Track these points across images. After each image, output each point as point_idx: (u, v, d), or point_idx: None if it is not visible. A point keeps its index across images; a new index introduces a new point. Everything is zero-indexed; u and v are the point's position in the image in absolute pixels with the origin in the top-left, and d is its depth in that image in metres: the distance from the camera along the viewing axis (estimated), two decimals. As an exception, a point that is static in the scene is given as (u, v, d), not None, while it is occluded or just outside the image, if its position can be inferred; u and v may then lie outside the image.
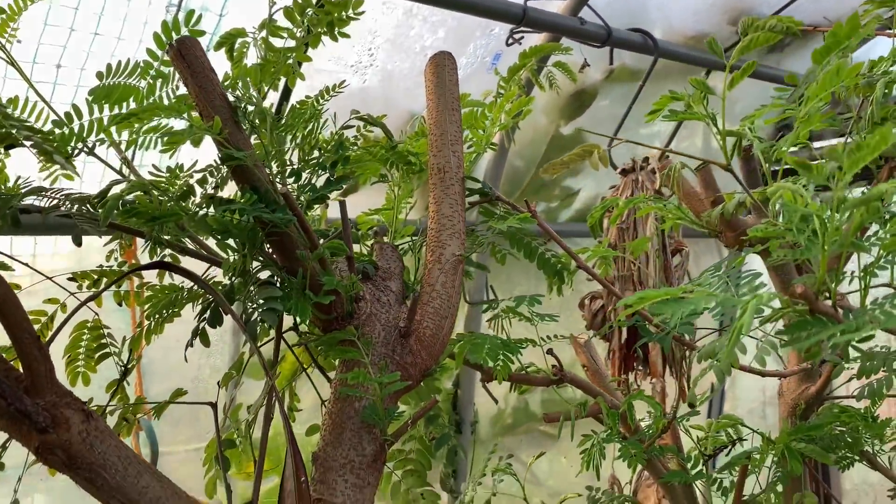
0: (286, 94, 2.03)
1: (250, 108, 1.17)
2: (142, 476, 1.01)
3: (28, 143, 1.01)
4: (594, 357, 1.71)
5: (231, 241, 1.12)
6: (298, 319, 1.31)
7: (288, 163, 1.27)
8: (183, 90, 1.20)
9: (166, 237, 1.17)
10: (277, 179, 1.19)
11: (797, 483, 1.45)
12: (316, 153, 1.28)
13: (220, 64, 1.18)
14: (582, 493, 1.90)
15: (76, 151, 1.33)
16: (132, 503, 0.99)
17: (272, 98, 2.10)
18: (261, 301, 1.06)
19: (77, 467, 0.97)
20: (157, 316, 1.33)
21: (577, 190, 2.73)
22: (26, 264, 1.38)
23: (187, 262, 1.34)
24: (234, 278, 1.15)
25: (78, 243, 1.02)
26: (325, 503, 1.08)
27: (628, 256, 1.99)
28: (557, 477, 3.23)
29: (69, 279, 1.44)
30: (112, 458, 0.99)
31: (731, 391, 3.43)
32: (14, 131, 0.96)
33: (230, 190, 1.24)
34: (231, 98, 1.13)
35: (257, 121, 1.16)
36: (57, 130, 1.21)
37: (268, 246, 1.22)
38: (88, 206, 1.10)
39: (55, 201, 1.08)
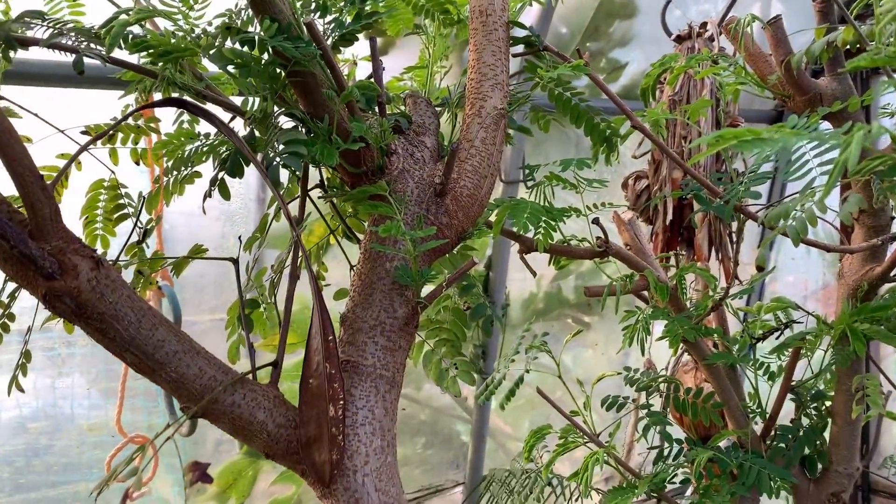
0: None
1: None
2: (157, 329, 0.94)
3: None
4: (638, 235, 1.59)
5: (251, 82, 1.01)
6: (325, 174, 1.22)
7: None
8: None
9: (181, 80, 1.06)
10: (301, 16, 1.07)
11: (852, 369, 1.36)
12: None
13: None
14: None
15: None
16: (147, 357, 0.93)
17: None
18: (283, 145, 0.95)
19: (87, 317, 0.90)
20: (175, 173, 1.24)
21: (624, 63, 2.55)
22: (35, 114, 1.29)
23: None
24: (254, 125, 1.04)
25: (80, 70, 0.91)
26: (355, 364, 1.01)
27: (680, 131, 1.85)
28: (585, 366, 3.20)
29: (81, 133, 1.35)
30: (124, 310, 0.92)
31: (770, 286, 3.33)
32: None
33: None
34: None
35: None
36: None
37: (291, 93, 1.11)
38: (92, 38, 0.99)
39: (55, 31, 0.97)
